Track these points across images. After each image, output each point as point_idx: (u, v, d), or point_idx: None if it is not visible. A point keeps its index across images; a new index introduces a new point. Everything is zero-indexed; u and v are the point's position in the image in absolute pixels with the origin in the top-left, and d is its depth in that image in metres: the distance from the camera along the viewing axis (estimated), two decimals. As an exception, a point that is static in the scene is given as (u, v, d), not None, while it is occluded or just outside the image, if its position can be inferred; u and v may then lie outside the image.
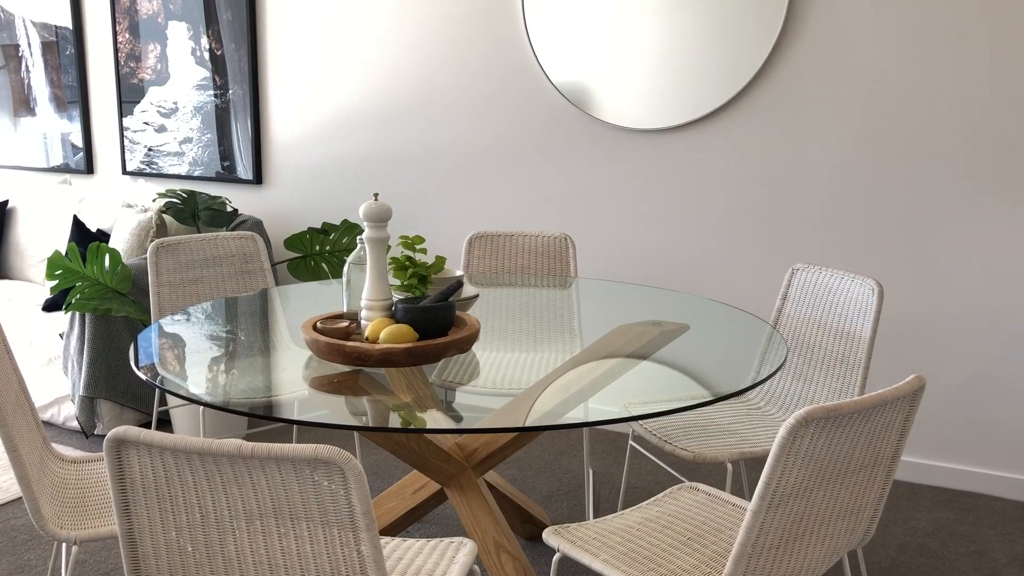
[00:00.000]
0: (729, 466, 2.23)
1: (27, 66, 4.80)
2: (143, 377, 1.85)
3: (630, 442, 2.60)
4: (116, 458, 1.30)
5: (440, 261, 2.20)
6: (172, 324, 2.28)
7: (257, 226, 4.04)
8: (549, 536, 1.78)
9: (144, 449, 1.28)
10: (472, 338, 2.02)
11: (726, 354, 2.13)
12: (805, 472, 1.44)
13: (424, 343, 1.90)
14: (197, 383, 1.85)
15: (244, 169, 4.27)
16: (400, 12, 3.84)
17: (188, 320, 2.32)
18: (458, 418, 1.79)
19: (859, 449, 1.50)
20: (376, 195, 2.04)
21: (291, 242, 3.75)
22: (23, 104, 4.87)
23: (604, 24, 3.44)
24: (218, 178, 4.34)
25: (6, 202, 4.51)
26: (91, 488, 2.04)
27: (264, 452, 1.22)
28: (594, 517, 2.89)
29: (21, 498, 2.98)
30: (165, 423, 3.68)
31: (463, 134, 3.81)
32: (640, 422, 2.39)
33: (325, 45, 4.02)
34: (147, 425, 3.62)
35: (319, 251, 3.79)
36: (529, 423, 1.67)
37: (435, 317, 1.97)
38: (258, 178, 4.27)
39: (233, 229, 3.96)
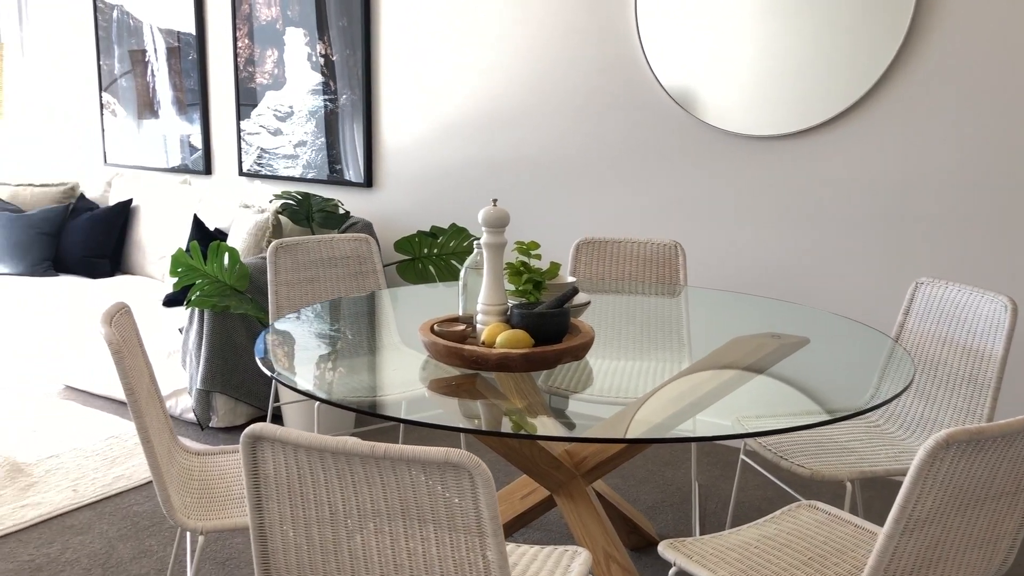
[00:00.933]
0: (849, 485, 2.16)
1: (152, 70, 5.01)
2: (268, 373, 1.90)
3: (742, 456, 2.55)
4: (251, 454, 1.34)
5: (554, 267, 2.20)
6: (292, 323, 2.34)
7: (367, 228, 4.13)
8: (665, 550, 1.75)
9: (279, 446, 1.32)
10: (587, 345, 2.01)
11: (845, 369, 2.06)
12: (943, 497, 1.38)
13: (540, 349, 1.90)
14: (316, 381, 1.89)
15: (354, 172, 4.36)
16: (512, 17, 3.86)
17: (307, 319, 2.38)
18: (570, 425, 1.78)
19: (1000, 475, 1.43)
20: (495, 200, 2.05)
21: (401, 245, 3.81)
22: (147, 107, 5.09)
23: (718, 28, 3.39)
24: (329, 180, 4.45)
25: (130, 201, 4.72)
26: (214, 480, 2.11)
27: (396, 453, 1.24)
28: (700, 531, 2.84)
29: (143, 485, 3.10)
30: (276, 418, 3.78)
31: (572, 138, 3.80)
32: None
33: (437, 51, 4.08)
34: (261, 419, 3.73)
35: (427, 254, 3.84)
36: (641, 435, 1.65)
37: (551, 323, 1.97)
38: (368, 181, 4.35)
39: (344, 231, 4.05)
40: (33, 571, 2.53)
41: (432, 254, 3.86)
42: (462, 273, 2.15)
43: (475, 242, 2.13)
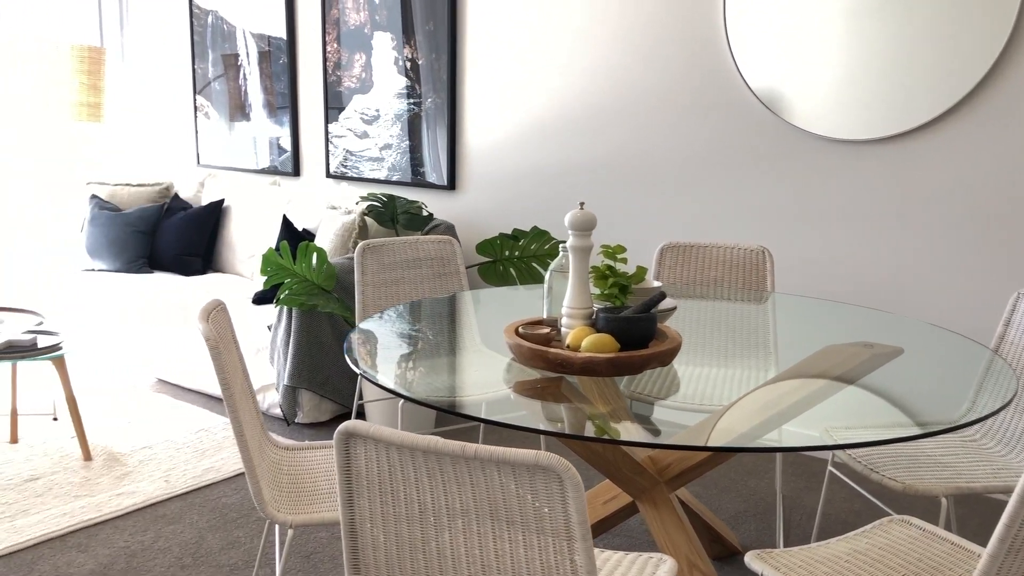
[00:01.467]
0: (944, 501, 2.09)
1: (244, 74, 5.15)
2: (357, 371, 1.94)
3: (829, 468, 2.49)
4: (344, 451, 1.36)
5: (641, 272, 2.18)
6: (377, 322, 2.37)
7: (449, 230, 4.16)
8: (752, 560, 1.72)
9: (371, 443, 1.34)
10: (674, 351, 1.99)
11: (941, 381, 2.00)
12: (1051, 517, 1.32)
13: (627, 354, 1.89)
14: (400, 380, 1.91)
15: (437, 175, 4.41)
16: (595, 18, 3.85)
17: (392, 319, 2.42)
18: (655, 432, 1.76)
19: (1113, 496, 1.37)
20: (582, 204, 2.05)
21: (483, 247, 3.83)
22: (239, 109, 5.23)
23: (808, 28, 3.32)
24: (412, 183, 4.51)
25: (222, 201, 4.86)
26: (302, 475, 2.15)
27: (486, 454, 1.24)
28: (784, 543, 2.78)
29: (231, 478, 3.19)
30: (359, 415, 3.85)
31: (656, 140, 3.77)
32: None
33: (521, 54, 4.09)
34: (345, 416, 3.80)
35: (508, 256, 3.86)
36: (726, 443, 1.62)
37: (637, 328, 1.96)
38: (451, 183, 4.39)
39: (427, 233, 4.09)
40: (128, 557, 2.62)
41: (513, 256, 3.87)
42: (547, 276, 2.15)
43: (561, 245, 2.13)
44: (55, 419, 3.73)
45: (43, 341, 3.22)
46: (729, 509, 3.03)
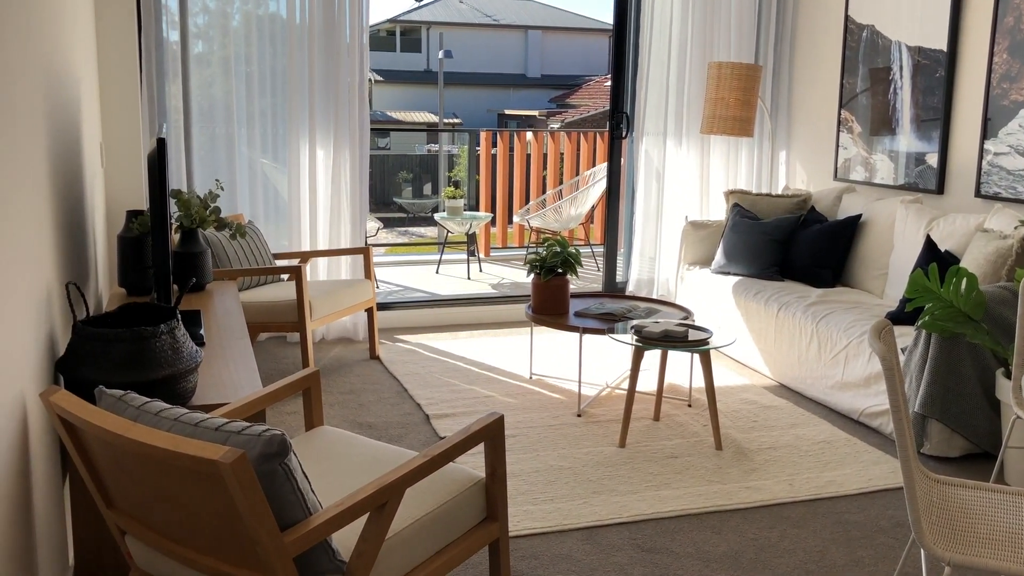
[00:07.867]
0: None
1: (895, 88, 5.03)
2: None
3: None
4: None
5: None
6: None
7: None
8: None
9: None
10: None
11: None
12: None
13: None
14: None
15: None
16: None
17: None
18: None
19: None
20: None
21: None
22: (883, 123, 5.13)
23: None
24: (1086, 208, 3.96)
25: (858, 216, 4.83)
26: (954, 512, 2.05)
27: None
28: None
29: (855, 496, 3.17)
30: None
31: None
32: None
33: None
34: (977, 456, 3.52)
35: None
36: None
37: None
38: None
39: (1101, 266, 3.57)
40: (756, 550, 2.78)
41: None
42: None
43: None
44: (689, 405, 4.11)
45: (693, 335, 3.56)
46: None
